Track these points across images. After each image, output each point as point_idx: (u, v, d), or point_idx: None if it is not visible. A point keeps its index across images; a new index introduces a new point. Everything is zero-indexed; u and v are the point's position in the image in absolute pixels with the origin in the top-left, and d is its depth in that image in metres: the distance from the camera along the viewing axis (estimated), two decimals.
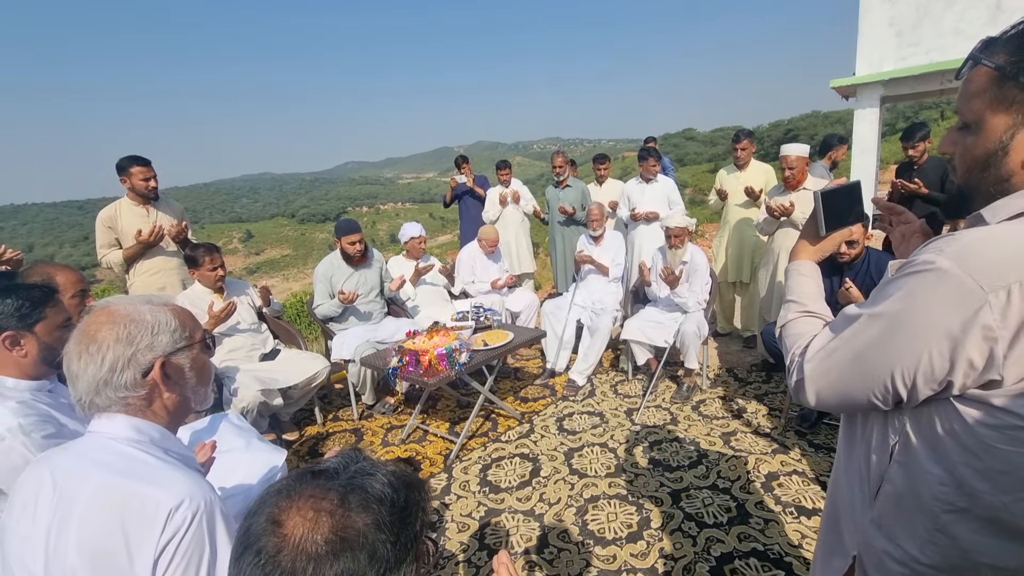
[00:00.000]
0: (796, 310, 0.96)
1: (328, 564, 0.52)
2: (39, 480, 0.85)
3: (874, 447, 0.86)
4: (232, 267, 26.99)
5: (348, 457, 0.62)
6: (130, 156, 3.27)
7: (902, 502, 0.81)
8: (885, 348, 0.75)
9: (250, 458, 1.74)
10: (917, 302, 0.71)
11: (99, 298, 1.89)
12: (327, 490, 0.56)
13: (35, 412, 1.29)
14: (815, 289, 0.99)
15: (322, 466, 0.61)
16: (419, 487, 0.63)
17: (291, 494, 0.56)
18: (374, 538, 0.54)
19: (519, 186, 5.42)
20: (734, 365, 3.86)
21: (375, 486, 0.58)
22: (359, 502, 0.56)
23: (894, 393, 0.76)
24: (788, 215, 3.37)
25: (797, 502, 2.27)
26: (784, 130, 57.34)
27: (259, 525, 0.54)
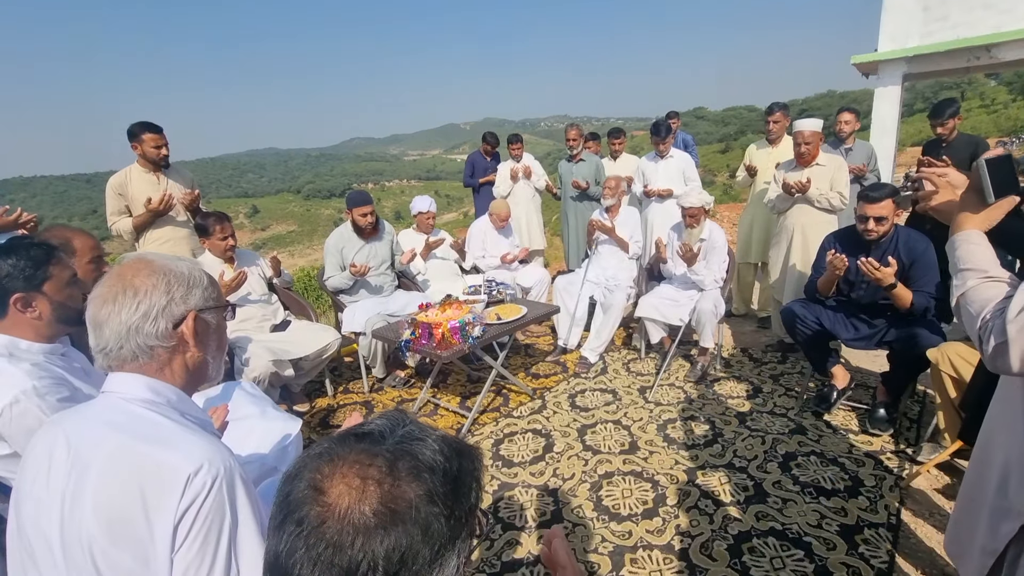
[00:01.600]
0: (976, 277, 0.93)
1: (379, 539, 0.46)
2: (52, 442, 0.81)
3: None
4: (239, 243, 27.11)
5: (395, 419, 0.57)
6: (142, 122, 3.19)
7: None
8: None
9: (265, 426, 1.72)
10: None
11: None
12: (373, 455, 0.50)
13: (49, 375, 1.26)
14: (990, 255, 0.96)
15: (367, 428, 0.55)
16: (472, 455, 0.57)
17: (334, 458, 0.50)
18: (427, 511, 0.49)
19: (531, 161, 5.31)
20: (749, 345, 3.81)
21: (426, 452, 0.52)
22: (409, 470, 0.50)
23: None
24: (804, 192, 3.27)
25: (816, 482, 2.24)
26: (798, 110, 56.31)
27: (300, 491, 0.49)
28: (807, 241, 3.33)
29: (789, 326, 2.82)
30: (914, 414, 2.75)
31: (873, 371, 3.19)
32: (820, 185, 3.30)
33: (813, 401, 2.82)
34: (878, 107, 6.97)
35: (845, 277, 2.67)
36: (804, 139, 3.28)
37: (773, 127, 3.91)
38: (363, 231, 3.49)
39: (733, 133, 59.11)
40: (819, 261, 2.85)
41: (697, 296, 3.38)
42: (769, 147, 3.98)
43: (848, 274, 2.63)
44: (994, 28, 6.03)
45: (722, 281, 3.42)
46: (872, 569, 1.78)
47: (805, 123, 3.33)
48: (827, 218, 3.34)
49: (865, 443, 2.51)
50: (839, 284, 2.73)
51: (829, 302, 2.81)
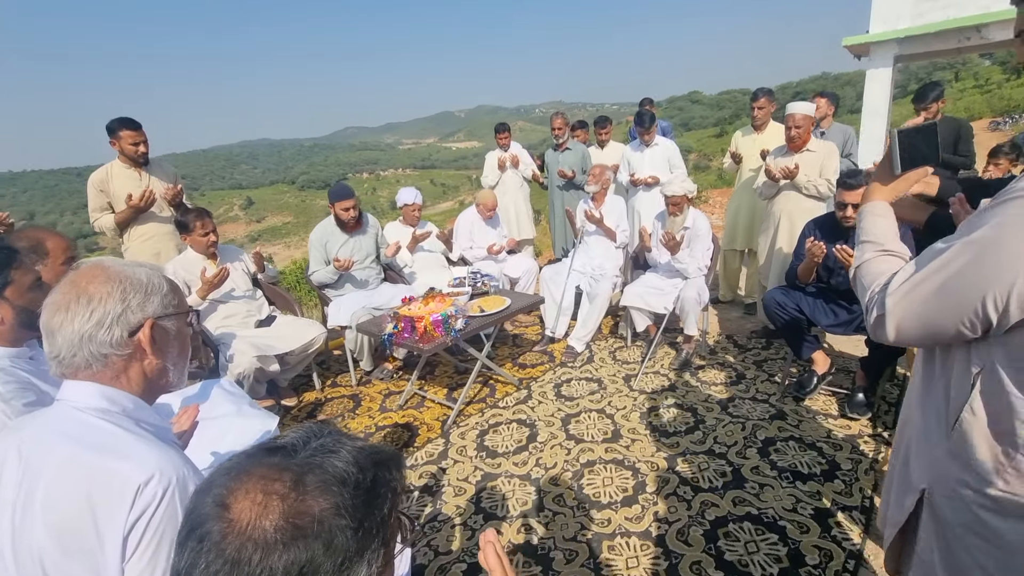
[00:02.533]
0: (873, 249, 0.95)
1: (277, 554, 0.46)
2: (4, 452, 0.81)
3: (954, 379, 0.86)
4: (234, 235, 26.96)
5: (310, 431, 0.56)
6: (120, 118, 3.16)
7: (983, 430, 0.82)
8: (977, 274, 0.75)
9: (242, 424, 1.73)
10: (1014, 225, 0.72)
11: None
12: (281, 470, 0.50)
13: (14, 379, 1.26)
14: (891, 228, 0.96)
15: (280, 442, 0.55)
16: (391, 464, 0.57)
17: (241, 473, 0.50)
18: (331, 525, 0.49)
19: (518, 150, 5.28)
20: (734, 332, 3.83)
21: (337, 465, 0.52)
22: (317, 484, 0.50)
23: (984, 319, 0.76)
24: (791, 178, 3.27)
25: (793, 467, 2.27)
26: (792, 93, 55.96)
27: (205, 507, 0.49)
28: (794, 228, 3.33)
29: (769, 313, 2.83)
30: (893, 398, 2.78)
31: (856, 355, 3.21)
32: (809, 172, 3.29)
33: (793, 387, 2.85)
34: (869, 89, 6.93)
35: (824, 264, 2.68)
36: (795, 123, 3.26)
37: (758, 113, 3.88)
38: (346, 225, 3.48)
39: (728, 117, 58.76)
40: (800, 248, 2.85)
41: (681, 284, 3.39)
42: (755, 133, 3.95)
43: (827, 260, 2.65)
44: (984, 8, 5.98)
45: (706, 269, 3.43)
46: (843, 551, 1.81)
47: (797, 106, 3.29)
48: (815, 205, 3.34)
49: (843, 427, 2.54)
50: (818, 271, 2.74)
51: (809, 288, 2.83)
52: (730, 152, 4.14)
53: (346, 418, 3.07)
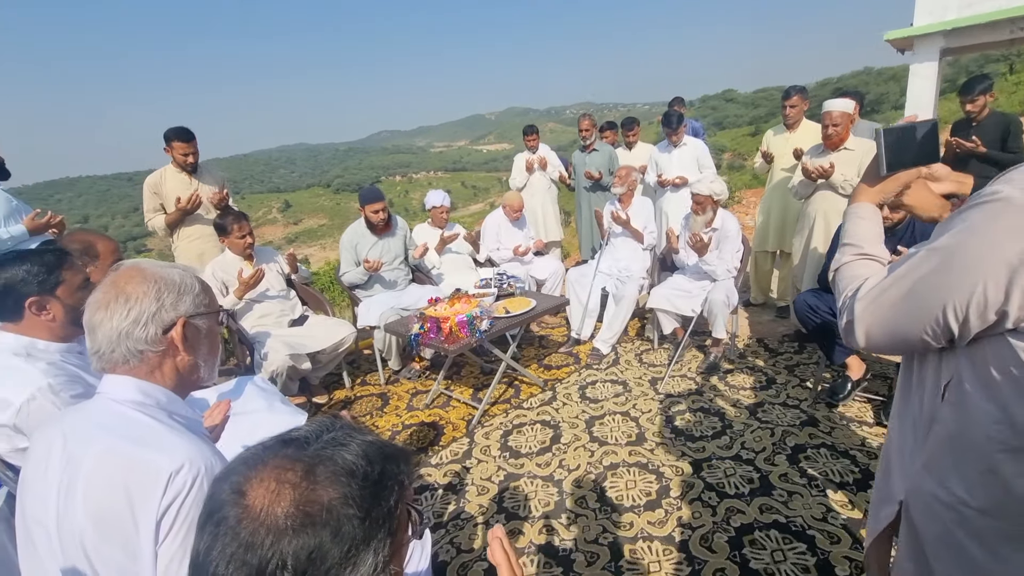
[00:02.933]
0: (851, 252, 0.93)
1: (287, 539, 0.49)
2: (51, 439, 0.88)
3: (927, 390, 0.85)
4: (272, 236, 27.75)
5: (323, 425, 0.60)
6: (175, 129, 3.38)
7: (952, 443, 0.80)
8: (939, 281, 0.74)
9: (272, 419, 1.80)
10: (977, 232, 0.70)
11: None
12: (294, 460, 0.54)
13: (64, 373, 1.35)
14: (873, 231, 0.94)
15: (294, 434, 0.58)
16: (398, 458, 0.60)
17: (257, 463, 0.54)
18: (339, 514, 0.51)
19: (547, 152, 5.29)
20: (765, 335, 3.74)
21: (346, 457, 0.55)
22: (328, 474, 0.53)
23: (945, 328, 0.75)
24: (827, 177, 3.17)
25: (824, 475, 2.20)
26: (832, 89, 54.09)
27: (223, 493, 0.53)
28: (830, 229, 3.23)
29: (801, 316, 2.76)
30: None
31: (893, 361, 3.09)
32: (847, 170, 3.18)
33: (826, 393, 2.77)
34: (913, 84, 6.63)
35: None
36: (832, 120, 3.15)
37: (790, 111, 3.78)
38: (376, 227, 3.56)
39: (764, 115, 57.24)
40: (834, 249, 2.77)
41: (709, 286, 3.34)
42: (787, 132, 3.85)
43: None
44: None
45: (735, 271, 3.37)
46: None
47: (835, 103, 3.19)
48: None
49: (879, 436, 2.45)
50: None
51: None
52: (761, 151, 4.05)
53: (374, 416, 3.14)
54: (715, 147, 5.61)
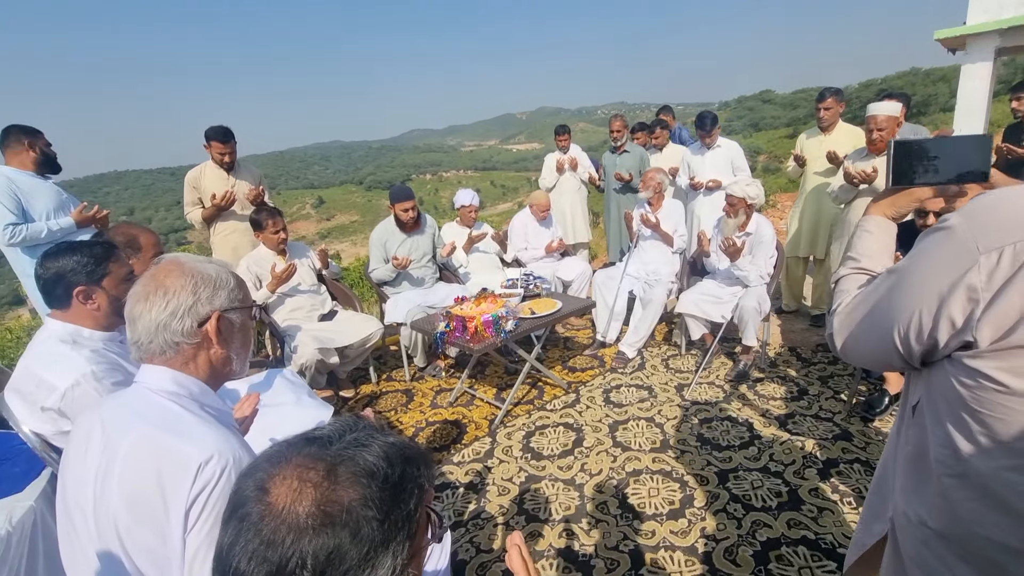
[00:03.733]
0: (850, 266, 0.95)
1: (307, 538, 0.50)
2: (91, 425, 0.92)
3: (905, 410, 0.87)
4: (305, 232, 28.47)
5: (345, 425, 0.60)
6: (216, 128, 3.47)
7: (916, 464, 0.83)
8: (890, 303, 0.77)
9: (299, 413, 1.84)
10: (921, 259, 0.73)
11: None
12: (316, 459, 0.54)
13: (106, 361, 1.40)
14: (876, 245, 0.94)
15: (317, 433, 0.59)
16: (418, 461, 0.60)
17: (281, 461, 0.55)
18: (359, 515, 0.52)
19: (578, 152, 5.26)
20: (798, 344, 3.63)
21: (367, 458, 0.55)
22: (348, 475, 0.54)
23: (895, 350, 0.77)
24: (869, 182, 3.05)
25: (857, 492, 2.12)
26: (876, 90, 52.16)
27: (248, 490, 0.54)
28: None
29: None
30: None
31: None
32: None
33: (862, 406, 2.67)
34: (964, 85, 6.33)
35: None
36: (877, 124, 3.03)
37: (824, 114, 3.67)
38: (405, 225, 3.60)
39: (802, 117, 55.59)
40: None
41: (741, 292, 3.26)
42: (821, 135, 3.74)
43: None
44: None
45: (768, 277, 3.28)
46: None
47: (880, 107, 3.06)
48: None
49: None
50: None
51: None
52: (794, 154, 3.95)
53: (399, 412, 3.18)
54: (750, 149, 5.45)
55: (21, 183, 2.70)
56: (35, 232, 2.68)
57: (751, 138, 53.67)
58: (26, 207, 2.70)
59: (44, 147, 2.82)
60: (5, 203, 2.61)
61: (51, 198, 2.80)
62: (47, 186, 2.82)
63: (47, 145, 2.84)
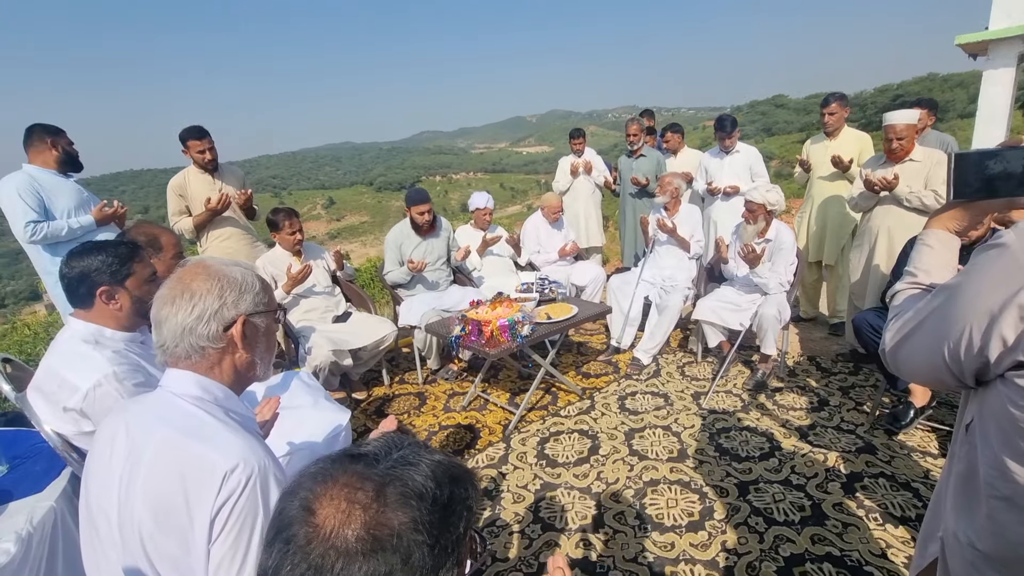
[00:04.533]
0: (908, 281, 0.93)
1: (357, 564, 0.47)
2: (115, 429, 0.90)
3: (960, 426, 0.86)
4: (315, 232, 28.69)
5: (391, 442, 0.58)
6: (188, 128, 3.30)
7: (966, 484, 0.81)
8: (941, 319, 0.76)
9: (317, 416, 1.82)
10: (974, 276, 0.71)
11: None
12: (364, 479, 0.52)
13: (127, 362, 1.40)
14: (935, 260, 0.92)
15: (363, 449, 0.57)
16: (466, 481, 0.57)
17: (327, 479, 0.52)
18: (409, 540, 0.49)
19: (592, 156, 5.23)
20: (817, 353, 3.57)
21: (416, 479, 0.53)
22: (397, 496, 0.51)
23: (944, 366, 0.76)
24: (891, 189, 2.99)
25: (883, 507, 2.07)
26: (892, 96, 51.58)
27: (292, 510, 0.51)
28: (893, 244, 3.05)
29: (862, 337, 2.61)
30: None
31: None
32: (913, 183, 3.00)
33: (886, 418, 2.60)
34: (986, 91, 6.20)
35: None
36: (896, 133, 2.97)
37: (829, 119, 3.67)
38: (420, 228, 3.59)
39: (816, 122, 55.11)
40: (900, 267, 2.61)
41: (760, 300, 3.21)
42: (826, 140, 3.73)
43: None
44: None
45: (788, 285, 3.22)
46: None
47: (898, 115, 3.00)
48: (918, 220, 3.03)
49: None
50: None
51: None
52: (799, 160, 3.95)
53: (411, 415, 3.16)
54: (763, 153, 5.40)
55: (43, 181, 2.72)
56: (56, 230, 2.70)
57: (763, 143, 53.27)
58: (48, 205, 2.72)
59: (66, 146, 2.84)
60: (27, 201, 2.63)
61: (72, 196, 2.82)
62: (69, 184, 2.84)
63: (69, 144, 2.86)
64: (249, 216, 3.58)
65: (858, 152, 3.62)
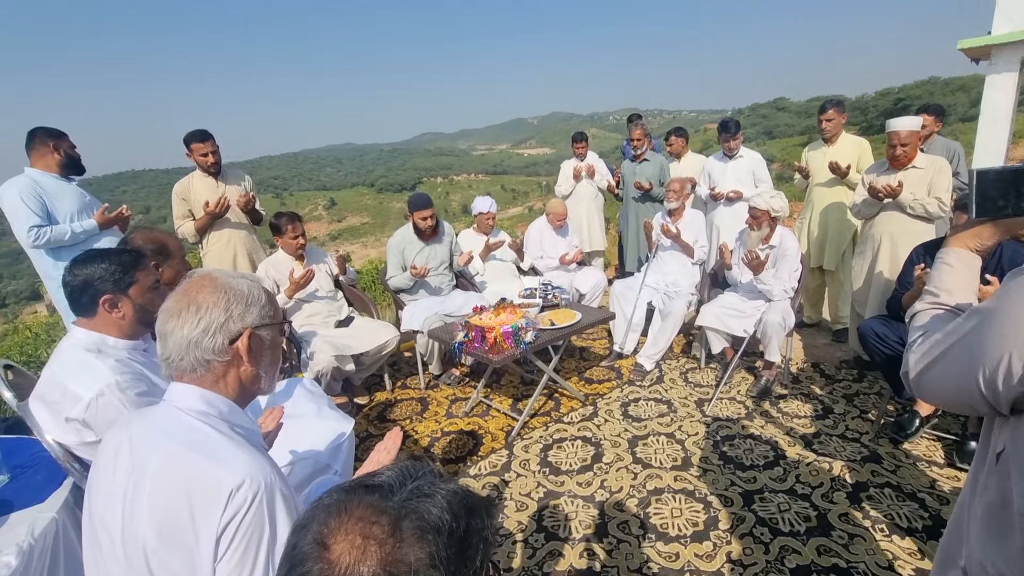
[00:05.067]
0: (928, 301, 0.91)
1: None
2: (119, 442, 0.89)
3: (988, 452, 0.82)
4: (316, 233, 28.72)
5: (406, 472, 0.56)
6: (192, 132, 3.31)
7: (996, 515, 0.78)
8: (974, 345, 0.73)
9: (320, 424, 1.81)
10: (1011, 300, 0.69)
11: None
12: (380, 512, 0.51)
13: (130, 370, 1.39)
14: (957, 279, 0.90)
15: (377, 480, 0.55)
16: (482, 511, 0.56)
17: (341, 512, 0.51)
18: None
19: (595, 160, 5.22)
20: (821, 360, 3.55)
21: (432, 511, 0.52)
22: (413, 530, 0.50)
23: (979, 394, 0.73)
24: (895, 196, 2.98)
25: (889, 518, 2.05)
26: (894, 99, 51.53)
27: (306, 544, 0.50)
28: (896, 251, 3.04)
29: (867, 346, 2.59)
30: None
31: None
32: (916, 190, 2.99)
33: (891, 427, 2.59)
34: (988, 96, 6.18)
35: None
36: (900, 140, 2.97)
37: (826, 125, 3.69)
38: (423, 233, 3.58)
39: (816, 125, 55.12)
40: (905, 275, 2.60)
41: (764, 306, 3.19)
42: (824, 146, 3.76)
43: None
44: None
45: (792, 292, 3.21)
46: None
47: (901, 122, 3.00)
48: (921, 227, 3.03)
49: (951, 479, 2.27)
50: None
51: None
52: (797, 167, 3.99)
53: (413, 421, 3.14)
54: (764, 156, 5.36)
55: (46, 185, 2.72)
56: (59, 234, 2.69)
57: (764, 146, 53.25)
58: (51, 209, 2.72)
59: (68, 149, 2.83)
60: (30, 205, 2.63)
61: (75, 200, 2.81)
62: (71, 188, 2.83)
63: (71, 147, 2.85)
64: (254, 220, 3.57)
65: (856, 158, 3.62)
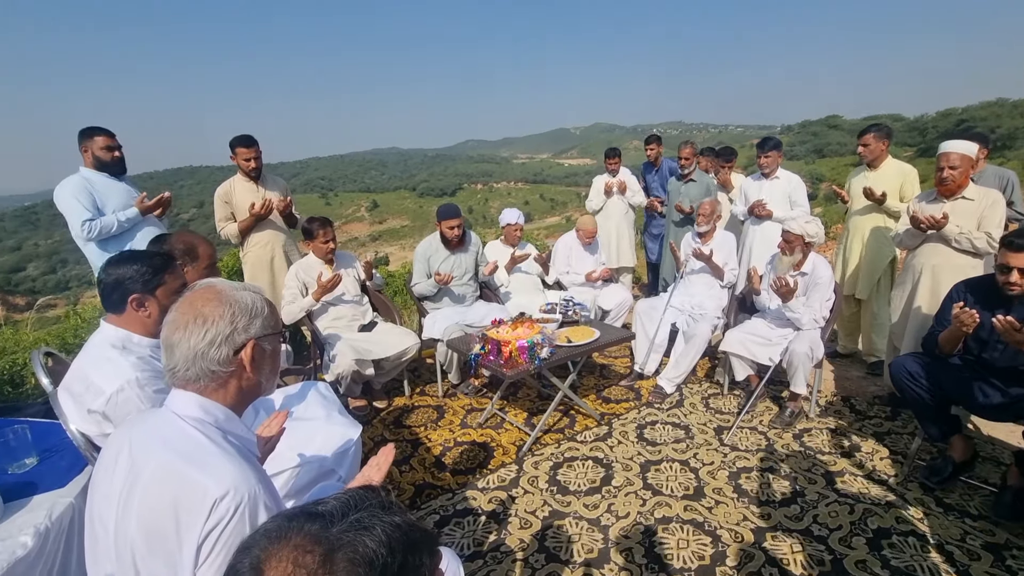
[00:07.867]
0: None
1: None
2: (121, 444, 0.94)
3: None
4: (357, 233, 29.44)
5: (351, 501, 0.58)
6: (238, 136, 3.51)
7: None
8: None
9: (329, 429, 1.85)
10: None
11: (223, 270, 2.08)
12: (316, 542, 0.52)
13: (150, 368, 1.46)
14: None
15: (321, 508, 0.57)
16: (423, 548, 0.56)
17: (280, 539, 0.53)
18: None
19: (627, 176, 5.18)
20: (852, 394, 3.40)
21: (369, 544, 0.52)
22: (346, 563, 0.51)
23: None
24: (938, 228, 2.83)
25: (910, 570, 1.94)
26: (956, 120, 49.00)
27: (243, 568, 0.52)
28: (937, 285, 2.89)
29: (899, 384, 2.47)
30: None
31: (1011, 445, 2.70)
32: (964, 223, 2.83)
33: (922, 472, 2.45)
34: None
35: (976, 334, 2.28)
36: (950, 162, 2.81)
37: (863, 151, 3.57)
38: (450, 243, 3.63)
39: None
40: (943, 312, 2.46)
41: (791, 335, 3.08)
42: (867, 171, 3.61)
43: (980, 331, 2.25)
44: None
45: (823, 322, 3.09)
46: None
47: (954, 144, 2.84)
48: (967, 262, 2.86)
49: (985, 532, 2.12)
50: (967, 341, 2.34)
51: (953, 360, 2.42)
52: (837, 191, 3.91)
53: (428, 428, 3.18)
54: (812, 176, 5.18)
55: (96, 183, 2.89)
56: (107, 224, 2.84)
57: (813, 164, 51.47)
58: (100, 205, 2.88)
59: (98, 150, 2.90)
60: (81, 200, 2.80)
61: (123, 196, 2.97)
62: (120, 186, 3.00)
63: (118, 147, 3.00)
64: (289, 224, 3.73)
65: (898, 185, 3.46)
